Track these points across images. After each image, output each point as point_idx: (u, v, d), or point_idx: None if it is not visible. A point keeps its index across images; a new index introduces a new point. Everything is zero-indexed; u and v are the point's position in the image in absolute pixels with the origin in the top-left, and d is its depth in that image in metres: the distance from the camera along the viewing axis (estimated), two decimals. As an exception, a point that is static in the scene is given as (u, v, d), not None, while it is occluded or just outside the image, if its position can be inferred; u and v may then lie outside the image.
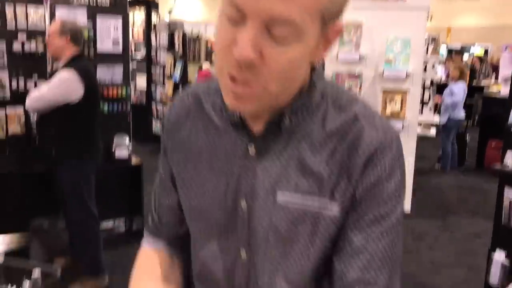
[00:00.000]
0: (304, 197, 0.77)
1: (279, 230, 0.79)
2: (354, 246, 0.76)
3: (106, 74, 3.82)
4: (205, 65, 7.15)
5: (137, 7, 8.10)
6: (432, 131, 6.29)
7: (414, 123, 5.10)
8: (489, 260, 3.01)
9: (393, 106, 4.83)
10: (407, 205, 5.05)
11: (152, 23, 8.09)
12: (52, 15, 3.55)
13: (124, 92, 3.92)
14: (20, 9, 3.45)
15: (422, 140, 6.34)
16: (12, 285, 1.19)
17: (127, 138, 3.89)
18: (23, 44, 3.46)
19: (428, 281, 3.60)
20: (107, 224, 3.98)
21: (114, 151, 3.85)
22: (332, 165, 0.76)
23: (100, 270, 3.11)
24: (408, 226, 4.65)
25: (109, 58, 3.85)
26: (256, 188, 0.80)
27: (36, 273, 1.24)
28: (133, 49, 7.90)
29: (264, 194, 0.79)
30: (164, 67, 7.56)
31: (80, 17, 3.63)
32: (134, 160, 4.00)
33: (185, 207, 0.90)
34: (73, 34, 2.91)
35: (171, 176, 0.91)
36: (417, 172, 5.26)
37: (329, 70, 4.34)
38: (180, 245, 0.97)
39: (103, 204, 3.26)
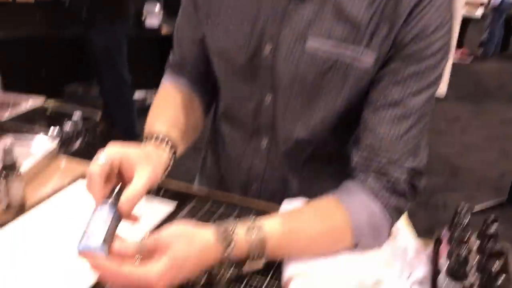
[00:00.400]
0: (336, 45, 0.71)
1: (305, 79, 0.74)
2: (390, 99, 0.72)
3: None
4: None
5: None
6: (478, 12, 5.90)
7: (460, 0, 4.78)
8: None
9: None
10: (443, 88, 4.92)
11: None
12: None
13: (153, -45, 3.71)
14: None
15: (465, 23, 5.99)
16: (54, 127, 1.19)
17: (158, 5, 3.75)
18: None
19: (459, 163, 3.60)
20: (140, 94, 4.00)
21: (145, 19, 3.74)
22: (373, 10, 0.69)
23: (134, 135, 3.19)
24: (443, 109, 4.57)
25: None
26: (284, 32, 0.73)
27: (77, 115, 1.24)
28: None
29: (292, 40, 0.73)
30: None
31: None
32: (165, 30, 3.89)
33: (209, 46, 0.84)
34: None
35: (196, 7, 0.84)
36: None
37: None
38: (202, 83, 0.92)
39: (136, 74, 3.23)
